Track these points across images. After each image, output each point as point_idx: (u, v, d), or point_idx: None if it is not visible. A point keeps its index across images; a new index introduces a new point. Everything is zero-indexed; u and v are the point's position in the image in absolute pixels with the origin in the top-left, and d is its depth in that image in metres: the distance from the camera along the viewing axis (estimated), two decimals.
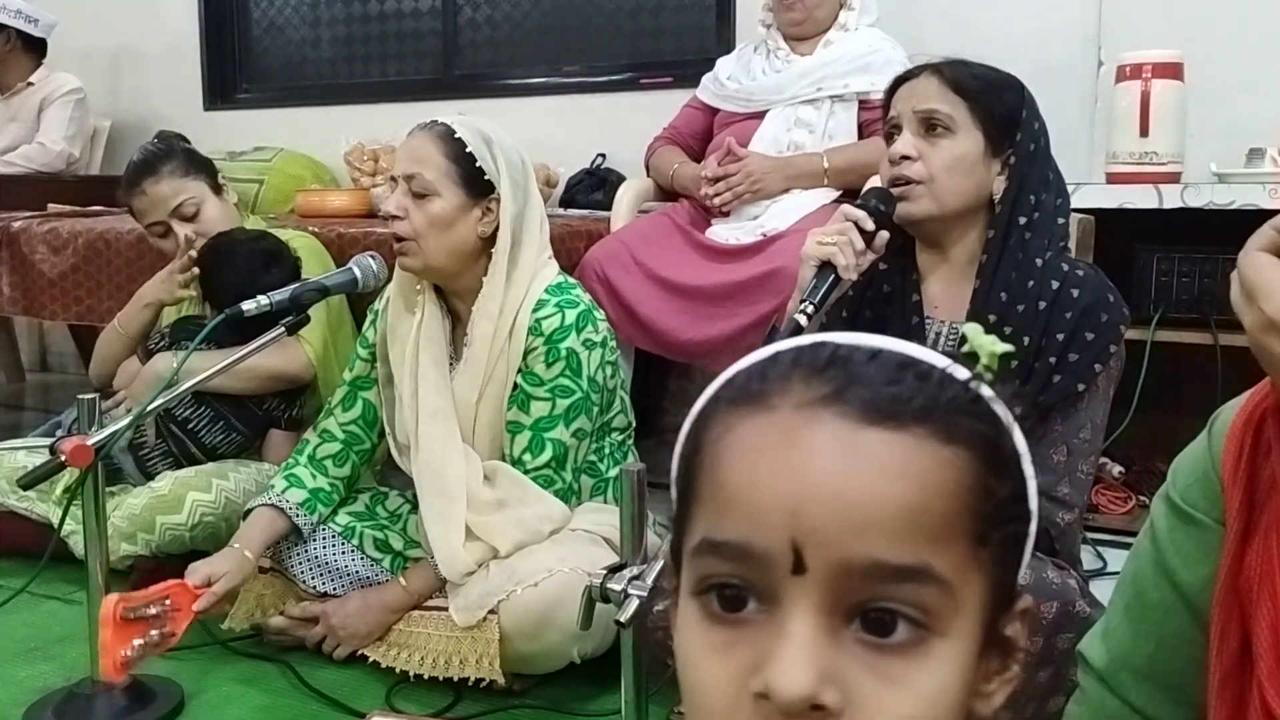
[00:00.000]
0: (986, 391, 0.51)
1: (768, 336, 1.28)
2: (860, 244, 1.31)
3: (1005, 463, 0.50)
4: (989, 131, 1.36)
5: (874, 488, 0.46)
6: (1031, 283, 1.34)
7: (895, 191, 1.37)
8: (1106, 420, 1.38)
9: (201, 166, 2.15)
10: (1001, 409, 0.51)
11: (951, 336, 1.40)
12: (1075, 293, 1.34)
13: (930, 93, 1.36)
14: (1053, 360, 1.32)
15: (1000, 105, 1.37)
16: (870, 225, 1.33)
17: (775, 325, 1.28)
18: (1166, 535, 0.82)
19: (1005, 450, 0.51)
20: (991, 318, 1.34)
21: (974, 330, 0.52)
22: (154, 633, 1.46)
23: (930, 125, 1.36)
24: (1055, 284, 1.34)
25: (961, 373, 0.51)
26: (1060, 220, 1.40)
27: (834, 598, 0.46)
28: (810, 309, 1.27)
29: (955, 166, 1.35)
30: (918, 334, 1.39)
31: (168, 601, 1.48)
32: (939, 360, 0.51)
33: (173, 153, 2.16)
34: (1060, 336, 1.33)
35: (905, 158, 1.36)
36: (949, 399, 0.49)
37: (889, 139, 1.41)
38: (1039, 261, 1.35)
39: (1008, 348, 0.51)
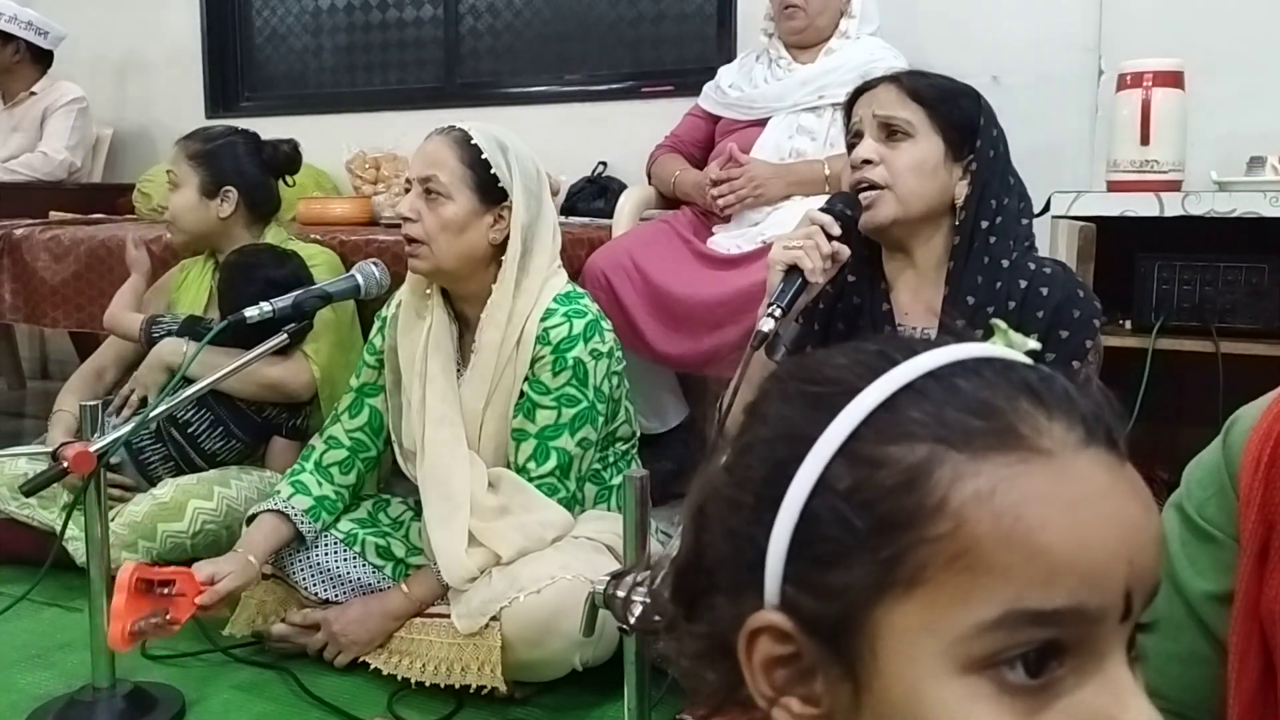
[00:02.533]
0: None
1: (754, 344, 1.29)
2: (826, 247, 1.34)
3: None
4: (948, 136, 1.40)
5: (1156, 519, 0.47)
6: (999, 284, 1.37)
7: (861, 199, 1.40)
8: None
9: (212, 165, 2.14)
10: None
11: None
12: (1045, 291, 1.36)
13: (889, 100, 1.40)
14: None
15: (957, 112, 1.41)
16: (836, 231, 1.35)
17: (759, 332, 1.29)
18: (1179, 549, 0.79)
19: None
20: (960, 323, 1.35)
21: (1001, 325, 0.51)
22: (159, 615, 1.44)
23: (890, 131, 1.40)
24: (1023, 283, 1.37)
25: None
26: (1024, 221, 1.43)
27: (1128, 633, 0.46)
28: (778, 313, 1.30)
29: (917, 169, 1.39)
30: None
31: (176, 584, 1.48)
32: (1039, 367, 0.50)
33: (211, 139, 2.18)
34: (1034, 338, 1.33)
35: (867, 161, 1.40)
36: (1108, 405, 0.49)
37: (851, 147, 1.45)
38: (1005, 263, 1.38)
39: (1036, 345, 0.50)
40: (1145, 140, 2.00)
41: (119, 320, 2.17)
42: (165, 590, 1.45)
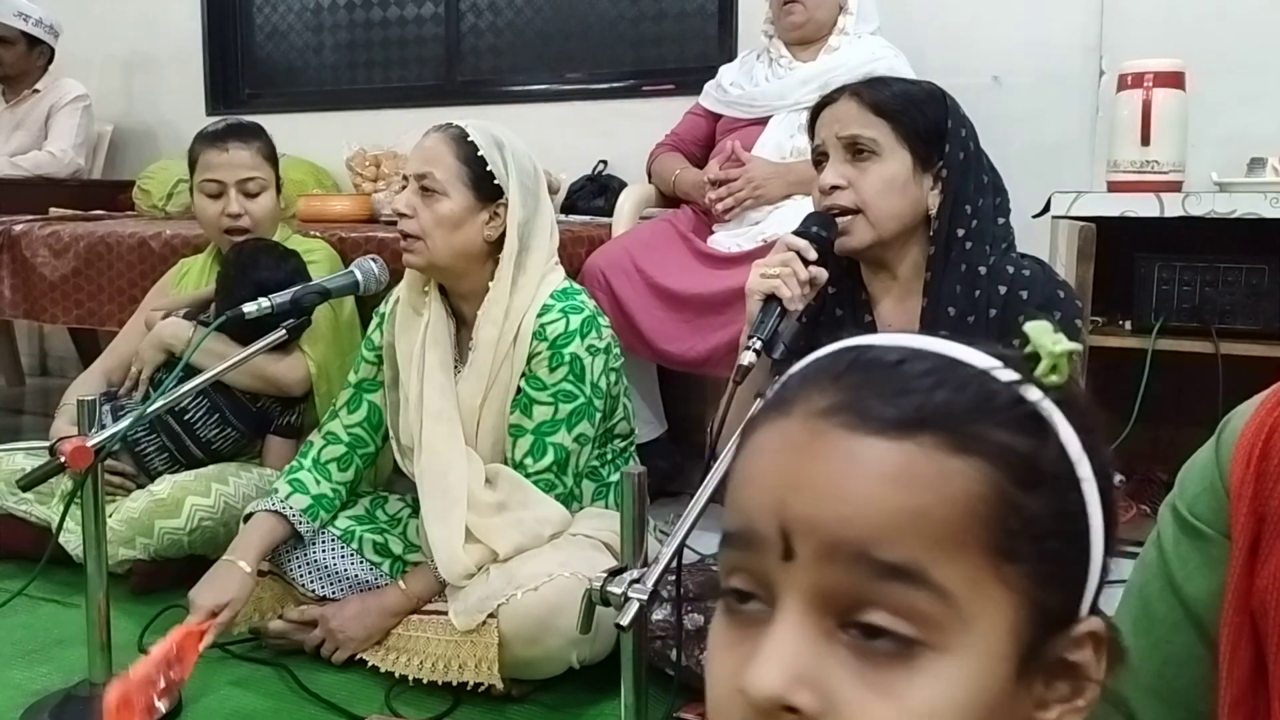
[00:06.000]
0: (1035, 395, 0.49)
1: (736, 379, 1.25)
2: (804, 274, 1.30)
3: (1042, 476, 0.47)
4: (915, 148, 1.36)
5: (864, 488, 0.46)
6: (978, 292, 1.35)
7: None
8: None
9: (275, 162, 2.16)
10: (1058, 416, 0.49)
11: None
12: (1025, 295, 1.34)
13: (851, 117, 1.36)
14: None
15: (923, 120, 1.36)
16: (812, 255, 1.32)
17: (740, 366, 1.25)
18: (1172, 548, 0.79)
19: (1044, 463, 0.47)
20: (942, 334, 1.34)
21: (1035, 330, 0.50)
22: (161, 687, 1.38)
23: (856, 150, 1.36)
24: (1003, 289, 1.34)
25: (1005, 375, 0.49)
26: (1000, 220, 1.40)
27: (822, 590, 0.45)
28: (758, 344, 1.25)
29: (886, 189, 1.35)
30: None
31: (174, 658, 1.42)
32: (981, 360, 0.50)
33: (265, 136, 2.17)
34: (1017, 343, 1.32)
35: (835, 187, 1.36)
36: (973, 406, 0.47)
37: (817, 166, 1.41)
38: (983, 269, 1.35)
39: (1073, 347, 0.49)
40: (1146, 141, 2.00)
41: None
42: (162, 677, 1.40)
